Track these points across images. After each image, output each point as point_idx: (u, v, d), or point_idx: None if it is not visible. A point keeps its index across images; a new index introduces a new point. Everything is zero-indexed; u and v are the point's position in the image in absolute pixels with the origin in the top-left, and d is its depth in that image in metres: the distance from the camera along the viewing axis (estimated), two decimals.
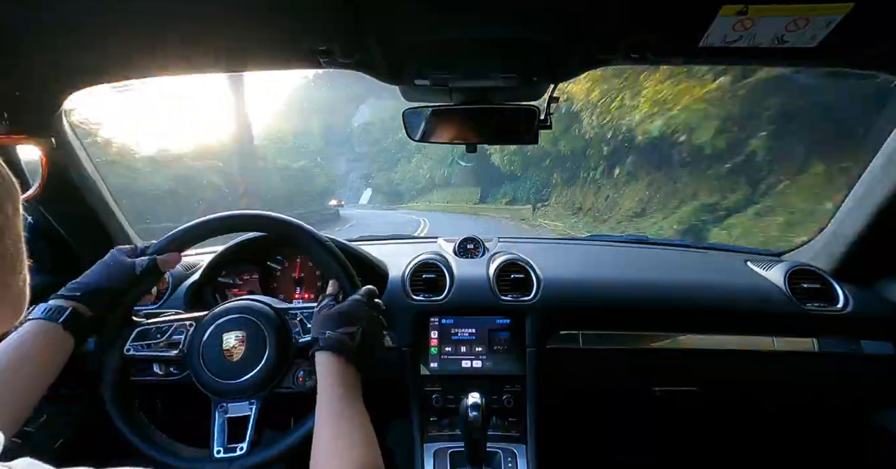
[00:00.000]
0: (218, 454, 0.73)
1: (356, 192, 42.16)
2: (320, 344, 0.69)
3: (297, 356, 0.78)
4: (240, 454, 0.73)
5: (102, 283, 0.72)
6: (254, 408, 0.75)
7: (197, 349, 0.76)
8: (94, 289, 0.72)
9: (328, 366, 0.67)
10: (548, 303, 1.15)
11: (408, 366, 1.12)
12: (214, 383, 0.75)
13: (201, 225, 0.81)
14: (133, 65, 0.86)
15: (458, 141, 0.99)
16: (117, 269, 0.74)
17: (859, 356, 1.10)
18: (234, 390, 0.75)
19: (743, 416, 1.39)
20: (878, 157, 1.05)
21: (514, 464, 1.02)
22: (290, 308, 0.81)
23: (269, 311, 0.79)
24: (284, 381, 0.77)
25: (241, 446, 0.73)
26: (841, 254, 1.18)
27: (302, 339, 0.78)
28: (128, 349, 0.77)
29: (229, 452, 0.73)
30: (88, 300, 0.71)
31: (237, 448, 0.73)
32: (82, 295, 0.70)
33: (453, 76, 0.84)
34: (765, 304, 1.14)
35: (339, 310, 0.73)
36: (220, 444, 0.74)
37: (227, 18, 0.70)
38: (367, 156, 42.04)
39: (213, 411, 0.76)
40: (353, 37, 0.74)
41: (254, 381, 0.74)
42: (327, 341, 0.69)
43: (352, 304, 0.74)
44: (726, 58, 0.78)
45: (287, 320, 0.79)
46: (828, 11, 0.63)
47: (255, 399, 0.75)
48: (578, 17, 0.69)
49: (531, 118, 0.93)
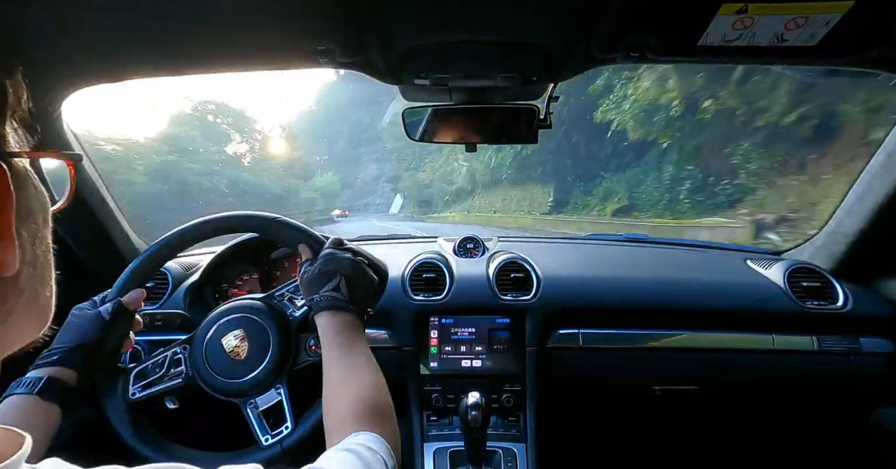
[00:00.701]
0: (267, 441, 0.74)
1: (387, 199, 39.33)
2: (314, 308, 0.70)
3: (300, 331, 0.79)
4: (286, 433, 0.73)
5: (75, 341, 0.70)
6: (282, 392, 0.75)
7: (202, 364, 0.76)
8: (69, 348, 0.69)
9: (327, 324, 0.68)
10: (547, 302, 1.15)
11: (408, 365, 1.12)
12: (232, 386, 0.75)
13: (151, 253, 0.81)
14: (132, 65, 0.85)
15: (458, 141, 0.99)
16: (86, 322, 0.72)
17: (859, 354, 1.10)
18: (254, 385, 0.75)
19: (743, 415, 1.39)
20: (878, 155, 1.05)
21: (513, 463, 1.02)
22: (274, 291, 0.82)
23: (256, 302, 0.80)
24: (299, 357, 0.78)
25: (287, 425, 0.74)
26: (841, 252, 1.18)
27: (298, 313, 0.79)
28: (133, 394, 0.76)
29: (277, 436, 0.74)
30: (67, 361, 0.68)
31: (283, 429, 0.74)
32: (59, 358, 0.68)
33: (453, 76, 0.84)
34: (764, 302, 1.14)
35: (315, 270, 0.73)
36: (265, 433, 0.75)
37: (227, 19, 0.70)
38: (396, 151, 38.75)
39: (245, 411, 0.76)
40: (353, 37, 0.74)
41: (269, 370, 0.75)
42: (318, 303, 0.70)
43: (325, 260, 0.74)
44: (726, 57, 0.78)
45: (276, 303, 0.80)
46: (827, 10, 0.63)
47: (278, 385, 0.76)
48: (578, 17, 0.69)
49: (531, 118, 0.93)
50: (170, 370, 0.77)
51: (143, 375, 0.77)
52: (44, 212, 0.33)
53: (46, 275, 0.33)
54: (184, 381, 0.77)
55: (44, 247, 0.33)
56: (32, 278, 0.31)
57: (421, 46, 0.77)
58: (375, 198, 40.33)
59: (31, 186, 0.32)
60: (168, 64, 0.85)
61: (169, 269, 1.17)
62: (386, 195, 39.34)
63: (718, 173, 9.17)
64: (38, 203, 0.33)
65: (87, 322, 0.72)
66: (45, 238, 0.33)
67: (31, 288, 0.31)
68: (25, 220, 0.31)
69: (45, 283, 0.33)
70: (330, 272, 0.72)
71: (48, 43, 0.74)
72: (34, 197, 0.32)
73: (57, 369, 0.67)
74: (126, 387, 0.76)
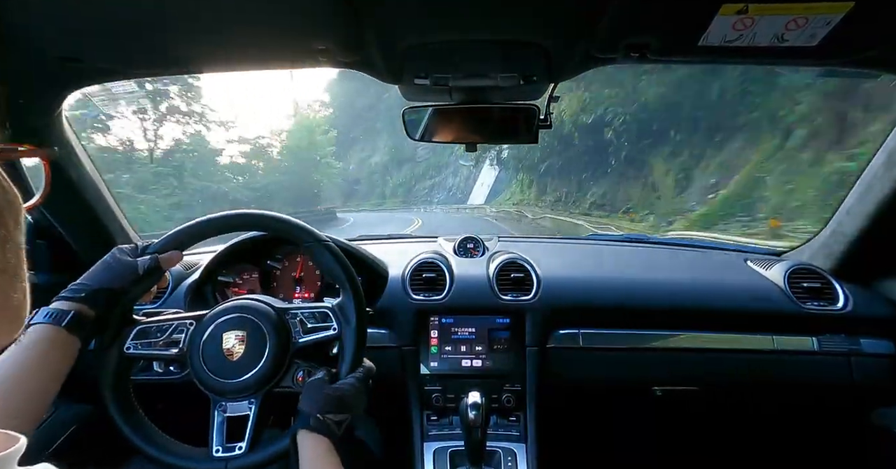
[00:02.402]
0: (217, 453, 0.73)
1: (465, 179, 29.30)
2: (311, 424, 0.67)
3: (296, 356, 0.78)
4: (238, 453, 0.72)
5: (105, 283, 0.72)
6: (253, 407, 0.75)
7: (197, 348, 0.76)
8: (97, 289, 0.71)
9: (315, 448, 0.66)
10: (547, 302, 1.15)
11: (408, 365, 1.12)
12: (214, 382, 0.75)
13: (202, 224, 0.81)
14: (132, 64, 0.86)
15: (459, 140, 0.99)
16: (120, 268, 0.74)
17: (859, 355, 1.10)
18: (234, 389, 0.75)
19: (743, 416, 1.39)
20: (879, 156, 1.05)
21: (513, 463, 1.02)
22: (290, 308, 0.81)
23: (270, 310, 0.79)
24: (284, 380, 0.77)
25: (241, 446, 0.73)
26: (841, 253, 1.18)
27: (301, 339, 0.78)
28: (128, 348, 0.77)
29: (228, 451, 0.73)
30: (92, 301, 0.70)
31: (236, 447, 0.73)
32: (86, 296, 0.69)
33: (453, 76, 0.84)
34: (765, 303, 1.14)
35: (337, 393, 0.71)
36: (220, 443, 0.74)
37: (227, 18, 0.70)
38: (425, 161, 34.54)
39: (213, 410, 0.75)
40: (353, 36, 0.74)
41: (253, 380, 0.74)
42: (318, 423, 0.67)
43: (350, 390, 0.72)
44: (726, 57, 0.78)
45: (287, 320, 0.79)
46: (827, 10, 0.63)
47: (254, 398, 0.75)
48: (578, 17, 0.69)
49: (531, 117, 0.93)
50: (169, 337, 0.78)
51: (144, 334, 0.78)
52: (15, 214, 0.32)
53: (18, 277, 0.32)
54: (177, 354, 0.77)
55: (14, 248, 0.31)
56: (3, 282, 0.30)
57: (421, 46, 0.77)
58: (447, 176, 28.36)
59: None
60: (168, 63, 0.85)
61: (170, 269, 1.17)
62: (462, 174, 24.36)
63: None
64: (7, 203, 0.31)
65: (121, 268, 0.74)
66: (16, 240, 0.31)
67: (3, 292, 0.30)
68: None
69: (15, 285, 0.31)
70: (348, 405, 0.70)
71: (48, 42, 0.74)
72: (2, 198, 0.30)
73: (81, 306, 0.69)
74: (125, 339, 0.77)
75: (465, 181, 25.91)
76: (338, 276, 0.80)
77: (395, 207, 31.92)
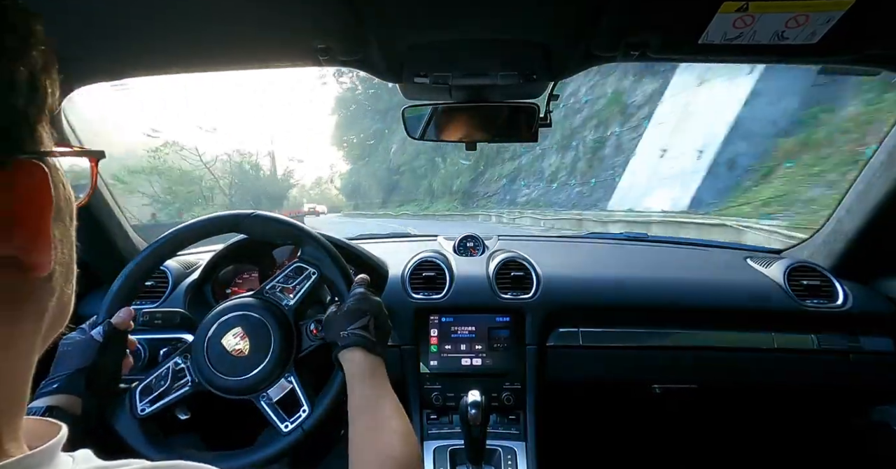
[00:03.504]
0: (286, 427, 0.74)
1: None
2: (340, 344, 0.70)
3: (297, 319, 0.79)
4: (305, 416, 0.74)
5: (74, 366, 0.70)
6: (293, 380, 0.76)
7: (207, 368, 0.76)
8: (69, 375, 0.69)
9: (354, 362, 0.69)
10: (547, 300, 1.15)
11: (408, 364, 1.12)
12: (241, 384, 0.75)
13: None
14: (132, 63, 0.85)
15: (459, 139, 0.99)
16: (79, 347, 0.72)
17: (859, 352, 1.10)
18: (262, 379, 0.75)
19: (742, 413, 1.40)
20: (879, 154, 1.05)
21: (513, 461, 1.03)
22: (264, 284, 0.82)
23: (248, 299, 0.80)
24: (302, 344, 0.78)
25: (304, 409, 0.74)
26: (840, 250, 1.18)
27: (292, 302, 0.79)
28: (141, 410, 0.75)
29: (296, 421, 0.74)
30: (68, 389, 0.67)
31: (301, 414, 0.74)
32: (59, 387, 0.67)
33: (453, 74, 0.84)
34: (764, 301, 1.14)
35: (346, 309, 0.74)
36: (283, 421, 0.75)
37: (227, 17, 0.70)
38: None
39: (259, 405, 0.75)
40: (354, 36, 0.74)
41: (275, 363, 0.75)
42: (346, 339, 0.70)
43: (356, 299, 0.75)
44: (726, 55, 0.78)
45: (269, 296, 0.80)
46: (828, 8, 0.63)
47: (287, 374, 0.76)
48: (578, 15, 0.69)
49: (531, 116, 0.93)
50: (175, 381, 0.77)
51: (148, 390, 0.76)
52: (70, 210, 0.33)
53: (70, 273, 0.33)
54: (192, 389, 0.76)
55: (69, 245, 0.32)
56: (61, 277, 0.31)
57: (421, 44, 0.77)
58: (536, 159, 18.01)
59: (60, 185, 0.32)
60: (168, 62, 0.85)
61: (169, 268, 1.17)
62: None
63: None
64: (66, 201, 0.32)
65: (80, 347, 0.71)
66: (71, 236, 0.33)
67: (60, 287, 0.31)
68: (56, 219, 0.30)
69: (69, 281, 0.33)
70: (361, 310, 0.72)
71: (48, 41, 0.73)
72: (63, 195, 0.32)
73: (58, 397, 0.66)
74: (133, 404, 0.75)
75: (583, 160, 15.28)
76: (286, 234, 0.81)
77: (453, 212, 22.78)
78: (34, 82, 0.27)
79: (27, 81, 0.26)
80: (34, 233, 0.27)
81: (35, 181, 0.27)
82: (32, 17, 0.28)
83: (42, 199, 0.27)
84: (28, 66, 0.27)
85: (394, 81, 0.90)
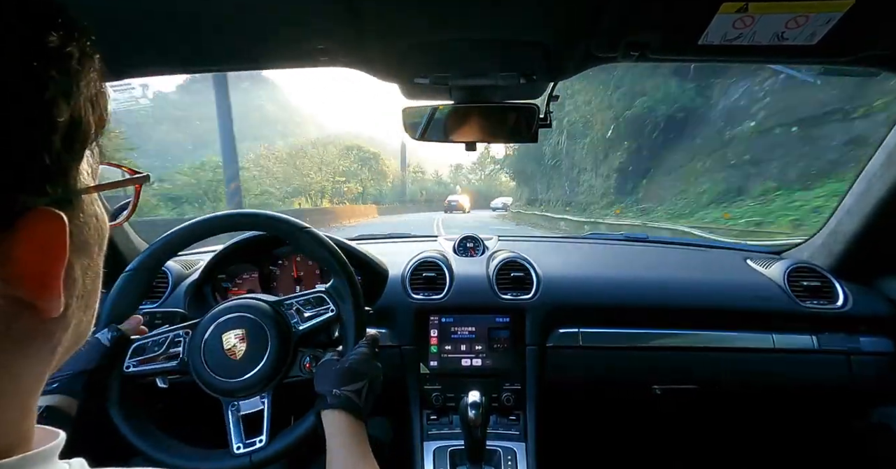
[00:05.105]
0: (238, 450, 0.73)
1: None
2: (329, 401, 0.68)
3: (299, 345, 0.78)
4: (259, 446, 0.73)
5: (76, 368, 0.69)
6: (266, 401, 0.75)
7: (198, 354, 0.76)
8: (70, 376, 0.68)
9: (338, 424, 0.67)
10: (547, 301, 1.15)
11: (408, 364, 1.12)
12: (222, 384, 0.75)
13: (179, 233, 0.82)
14: (131, 63, 0.85)
15: (458, 140, 0.99)
16: (82, 349, 0.69)
17: (859, 353, 1.10)
18: (243, 387, 0.75)
19: (742, 414, 1.39)
20: (878, 155, 1.05)
21: (513, 462, 1.03)
22: (285, 299, 0.81)
23: (264, 305, 0.79)
24: (292, 370, 0.77)
25: (260, 439, 0.73)
26: (840, 251, 1.18)
27: (301, 327, 0.78)
28: (127, 367, 0.76)
29: (249, 446, 0.73)
30: (66, 390, 0.67)
31: (256, 441, 0.73)
32: (58, 386, 0.67)
33: (453, 75, 0.84)
34: (764, 301, 1.14)
35: (346, 367, 0.72)
36: (239, 440, 0.74)
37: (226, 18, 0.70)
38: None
39: (226, 411, 0.75)
40: (353, 36, 0.74)
41: (261, 376, 0.74)
42: (336, 399, 0.68)
43: (358, 360, 0.73)
44: (726, 56, 0.78)
45: (283, 311, 0.79)
46: (828, 9, 0.63)
47: (265, 393, 0.75)
48: (578, 15, 0.69)
49: (531, 116, 0.93)
50: (168, 351, 0.78)
51: (140, 351, 0.77)
52: (101, 240, 0.31)
53: (92, 300, 0.32)
54: (178, 366, 0.77)
55: (93, 275, 0.31)
56: (79, 309, 0.30)
57: (421, 45, 0.77)
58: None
59: (93, 220, 0.30)
60: (166, 63, 0.85)
61: (169, 268, 1.17)
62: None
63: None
64: (97, 233, 0.31)
65: (85, 349, 0.70)
66: (96, 266, 0.31)
67: (77, 318, 0.30)
68: (80, 255, 0.29)
69: (88, 309, 0.31)
70: (359, 373, 0.71)
71: None
72: (94, 228, 0.30)
73: (56, 397, 0.66)
74: (123, 359, 0.76)
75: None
76: (325, 260, 0.81)
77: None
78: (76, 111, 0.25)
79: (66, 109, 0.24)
80: (42, 283, 0.25)
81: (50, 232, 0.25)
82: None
83: (55, 250, 0.25)
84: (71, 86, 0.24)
85: (393, 82, 0.90)
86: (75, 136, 0.25)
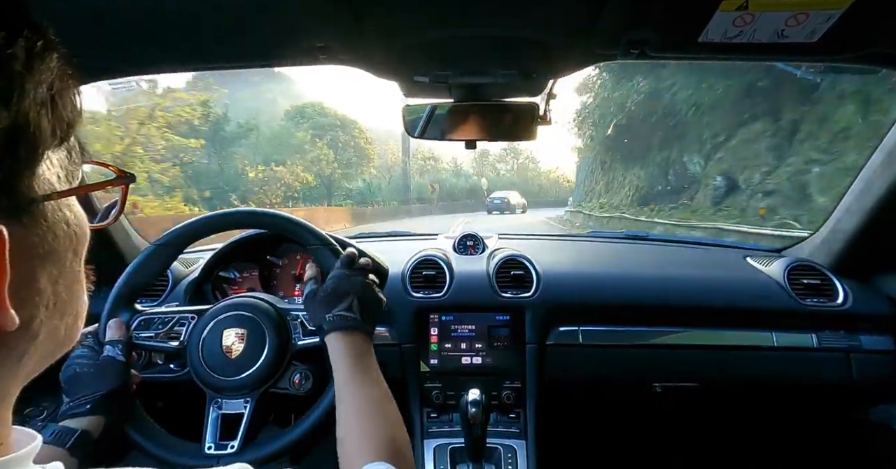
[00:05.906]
0: (209, 450, 0.73)
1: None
2: (326, 328, 0.69)
3: (295, 358, 0.78)
4: (229, 452, 0.72)
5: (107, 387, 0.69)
6: (248, 406, 0.75)
7: (196, 343, 0.76)
8: (102, 396, 0.68)
9: (339, 345, 0.67)
10: (547, 299, 1.15)
11: (408, 362, 1.12)
12: (211, 378, 0.75)
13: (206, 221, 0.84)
14: (129, 62, 0.85)
15: (458, 138, 0.99)
16: (105, 368, 0.70)
17: (859, 351, 1.10)
18: (231, 387, 0.75)
19: (743, 412, 1.40)
20: (878, 153, 1.05)
21: (514, 460, 1.03)
22: (292, 309, 0.81)
23: (271, 310, 0.79)
24: (281, 381, 0.77)
25: (233, 444, 0.73)
26: (840, 249, 1.18)
27: (301, 342, 0.78)
28: (133, 337, 0.77)
29: (220, 449, 0.73)
30: (101, 411, 0.67)
31: (228, 445, 0.73)
32: (91, 408, 0.66)
33: (452, 73, 0.84)
34: (764, 299, 1.14)
35: (325, 291, 0.72)
36: (212, 440, 0.74)
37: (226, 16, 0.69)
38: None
39: (208, 406, 0.75)
40: (353, 34, 0.73)
41: (250, 380, 0.74)
42: (330, 324, 0.69)
43: (335, 281, 0.73)
44: (726, 53, 0.78)
45: (288, 321, 0.79)
46: (828, 6, 0.63)
47: (250, 397, 0.75)
48: (578, 13, 0.69)
49: (531, 114, 0.93)
50: (171, 330, 0.78)
51: (146, 324, 0.78)
52: (75, 245, 0.30)
53: (70, 307, 0.30)
54: (176, 348, 0.77)
55: (68, 282, 0.30)
56: (51, 318, 0.29)
57: (420, 43, 0.77)
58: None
59: (62, 226, 0.28)
60: (166, 60, 0.85)
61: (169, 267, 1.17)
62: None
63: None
64: (69, 239, 0.29)
65: (106, 368, 0.70)
66: (70, 272, 0.30)
67: (48, 327, 0.29)
68: (46, 264, 0.27)
69: (65, 314, 0.30)
70: (342, 292, 0.71)
71: None
72: (64, 235, 0.28)
73: (89, 419, 0.65)
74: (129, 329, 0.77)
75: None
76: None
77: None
78: (21, 116, 0.23)
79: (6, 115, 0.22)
80: None
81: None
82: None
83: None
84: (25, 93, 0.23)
85: (393, 80, 0.90)
86: (20, 141, 0.24)
